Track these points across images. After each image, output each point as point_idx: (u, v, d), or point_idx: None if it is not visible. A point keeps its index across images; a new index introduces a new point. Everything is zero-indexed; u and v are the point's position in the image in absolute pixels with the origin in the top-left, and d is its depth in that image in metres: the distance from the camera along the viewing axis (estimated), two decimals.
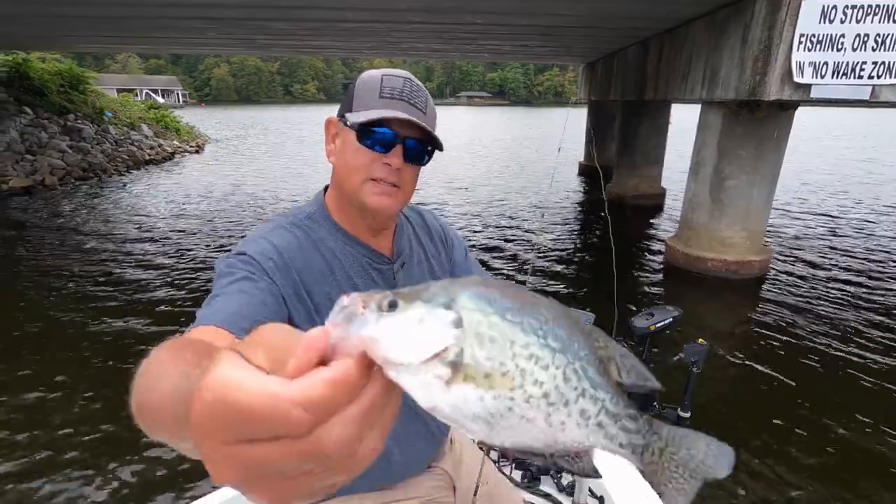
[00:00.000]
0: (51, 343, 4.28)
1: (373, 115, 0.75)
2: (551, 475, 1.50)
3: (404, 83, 0.78)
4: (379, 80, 0.78)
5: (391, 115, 0.75)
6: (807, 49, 4.45)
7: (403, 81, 0.78)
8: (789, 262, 6.78)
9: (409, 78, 0.80)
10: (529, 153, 20.28)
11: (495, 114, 65.91)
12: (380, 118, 0.75)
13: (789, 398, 3.65)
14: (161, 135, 18.11)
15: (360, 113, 0.77)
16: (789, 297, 5.53)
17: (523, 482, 1.48)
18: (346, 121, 0.78)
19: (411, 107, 0.78)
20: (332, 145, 0.84)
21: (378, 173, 0.78)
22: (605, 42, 9.62)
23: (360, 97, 0.78)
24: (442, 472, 1.01)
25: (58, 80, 14.90)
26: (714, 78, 5.68)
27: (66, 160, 12.25)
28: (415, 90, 0.79)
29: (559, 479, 1.46)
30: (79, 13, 7.52)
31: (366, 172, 0.78)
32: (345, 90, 0.87)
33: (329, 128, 0.84)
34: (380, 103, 0.76)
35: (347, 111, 0.79)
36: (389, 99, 0.77)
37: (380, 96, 0.77)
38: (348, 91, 0.82)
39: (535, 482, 1.48)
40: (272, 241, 0.78)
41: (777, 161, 5.84)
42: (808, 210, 10.07)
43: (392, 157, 0.78)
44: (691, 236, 6.38)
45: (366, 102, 0.77)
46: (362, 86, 0.79)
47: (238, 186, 12.04)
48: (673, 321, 1.46)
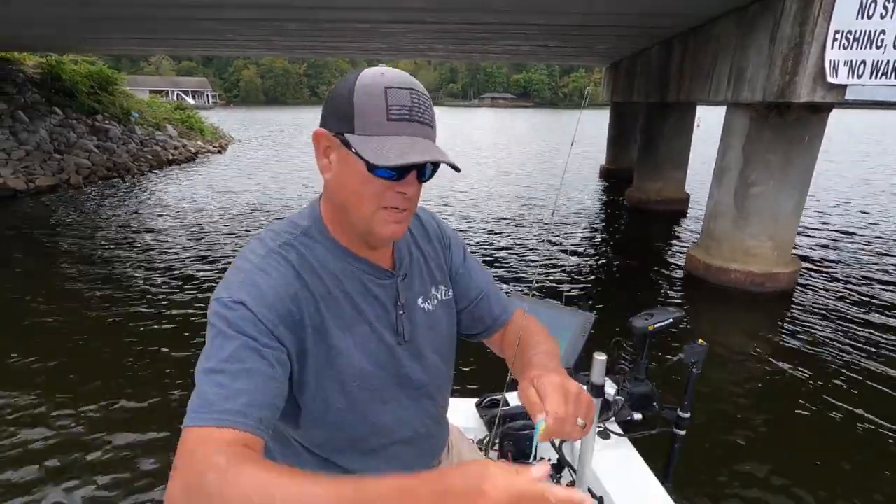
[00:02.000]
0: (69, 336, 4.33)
1: (389, 150, 0.68)
2: (550, 475, 1.38)
3: (411, 97, 0.70)
4: (383, 97, 0.69)
5: (415, 158, 0.68)
6: (842, 47, 4.11)
7: (410, 95, 0.70)
8: (820, 274, 6.36)
9: (414, 88, 0.72)
10: (549, 160, 19.92)
11: (520, 117, 65.30)
12: (403, 164, 0.68)
13: (813, 432, 3.34)
14: (185, 135, 18.47)
15: (369, 140, 0.69)
16: (819, 314, 5.15)
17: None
18: (350, 145, 0.70)
19: (422, 126, 0.72)
20: (326, 160, 0.76)
21: (392, 202, 0.74)
22: (627, 42, 9.30)
23: (363, 116, 0.69)
24: None
25: (88, 81, 15.36)
26: (740, 78, 5.36)
27: (92, 159, 12.56)
28: (422, 103, 0.72)
29: (559, 479, 1.43)
30: (97, 14, 7.65)
31: (378, 202, 0.73)
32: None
33: (320, 140, 0.75)
34: (389, 127, 0.69)
35: (347, 130, 0.70)
36: (399, 122, 0.69)
37: (388, 118, 0.69)
38: (340, 100, 0.72)
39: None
40: (268, 280, 0.72)
41: (808, 167, 5.47)
42: (843, 219, 9.52)
43: (407, 186, 0.74)
44: (713, 246, 6.04)
45: (372, 125, 0.69)
46: (364, 101, 0.69)
47: (261, 186, 12.14)
48: (673, 321, 1.43)
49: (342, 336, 0.78)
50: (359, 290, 0.81)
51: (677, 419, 1.43)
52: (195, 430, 0.60)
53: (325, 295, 0.77)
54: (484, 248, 7.25)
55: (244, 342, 0.66)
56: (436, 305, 0.92)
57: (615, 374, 1.53)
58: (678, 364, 1.40)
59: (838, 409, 3.55)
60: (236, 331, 0.67)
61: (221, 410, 0.61)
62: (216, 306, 0.70)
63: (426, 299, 0.90)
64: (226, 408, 0.61)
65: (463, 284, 0.98)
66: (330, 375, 0.77)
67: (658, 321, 1.42)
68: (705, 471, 2.91)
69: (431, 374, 0.91)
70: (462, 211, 9.77)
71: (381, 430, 0.85)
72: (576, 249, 7.36)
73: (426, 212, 1.00)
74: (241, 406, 0.62)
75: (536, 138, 29.53)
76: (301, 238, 0.79)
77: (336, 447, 0.83)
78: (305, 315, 0.74)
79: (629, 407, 1.45)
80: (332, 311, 0.78)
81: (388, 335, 0.83)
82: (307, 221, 0.81)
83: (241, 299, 0.69)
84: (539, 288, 5.84)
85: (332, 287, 0.78)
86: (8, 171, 10.58)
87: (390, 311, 0.84)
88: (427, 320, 0.90)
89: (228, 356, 0.65)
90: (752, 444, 3.19)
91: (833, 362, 4.20)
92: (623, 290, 5.99)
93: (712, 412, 3.47)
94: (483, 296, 1.00)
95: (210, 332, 0.68)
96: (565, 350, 1.40)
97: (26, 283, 5.63)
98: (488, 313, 1.01)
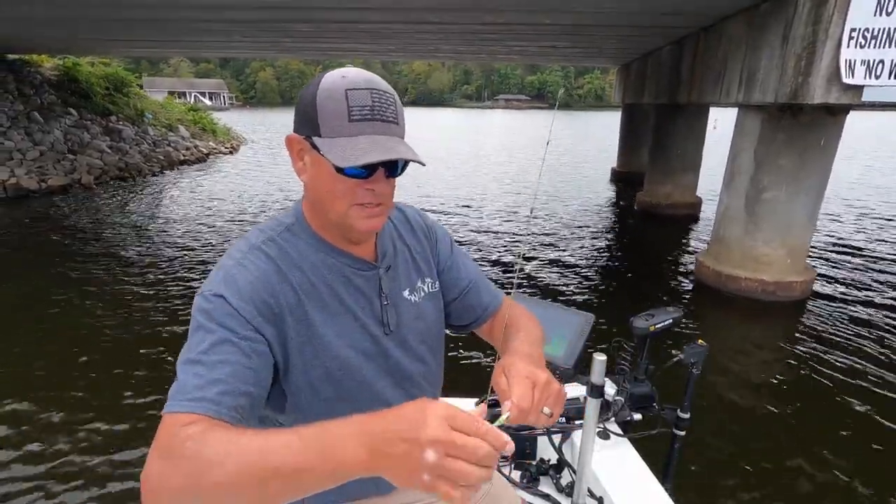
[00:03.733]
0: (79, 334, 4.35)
1: (350, 152, 0.71)
2: (550, 475, 1.46)
3: (371, 97, 0.73)
4: (344, 99, 0.72)
5: (375, 157, 0.70)
6: (859, 45, 3.90)
7: (370, 95, 0.73)
8: (838, 284, 6.09)
9: (375, 87, 0.74)
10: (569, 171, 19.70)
11: (534, 119, 64.93)
12: (364, 164, 0.70)
13: (815, 437, 3.16)
14: (198, 136, 18.66)
15: (334, 143, 0.72)
16: (833, 326, 4.92)
17: (522, 482, 1.45)
18: (317, 147, 0.73)
19: (385, 124, 0.74)
20: (301, 163, 0.79)
21: (363, 198, 0.77)
22: (638, 42, 9.10)
23: (325, 119, 0.72)
24: None
25: (103, 82, 15.60)
26: (752, 79, 5.15)
27: (104, 160, 12.72)
28: (383, 101, 0.74)
29: (558, 479, 1.43)
30: (98, 16, 7.72)
31: (349, 199, 0.76)
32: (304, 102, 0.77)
33: (293, 145, 0.79)
34: (350, 128, 0.72)
35: (314, 133, 0.74)
36: (360, 122, 0.72)
37: (349, 119, 0.72)
38: (305, 105, 0.75)
39: (534, 482, 1.45)
40: (246, 274, 0.75)
41: (824, 172, 5.24)
42: (865, 225, 9.17)
43: (375, 183, 0.76)
44: (723, 252, 5.83)
45: (334, 127, 0.72)
46: (325, 105, 0.72)
47: (271, 185, 12.18)
48: (673, 322, 1.45)
49: (325, 325, 0.80)
50: (341, 281, 0.83)
51: (677, 420, 1.44)
52: (172, 416, 0.63)
53: (306, 286, 0.80)
54: (481, 247, 7.13)
55: (222, 334, 0.70)
56: (422, 297, 0.94)
57: (615, 375, 1.54)
58: (678, 364, 1.40)
59: (843, 418, 3.43)
60: (216, 323, 0.70)
61: (198, 398, 0.64)
62: (198, 300, 0.74)
63: (412, 291, 0.93)
64: (202, 395, 0.65)
65: (452, 276, 1.01)
66: (316, 364, 0.79)
67: (658, 321, 1.43)
68: (705, 471, 2.87)
69: (419, 364, 0.93)
70: (462, 211, 9.66)
71: None
72: (581, 253, 7.18)
73: (412, 208, 1.03)
74: (216, 395, 0.65)
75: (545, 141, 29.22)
76: (284, 234, 0.82)
77: None
78: (285, 306, 0.77)
79: (629, 407, 1.47)
80: (313, 301, 0.80)
81: (372, 325, 0.85)
82: (291, 219, 0.84)
83: (220, 293, 0.73)
84: (539, 289, 5.73)
85: (314, 279, 0.81)
86: (22, 171, 10.76)
87: (374, 301, 0.86)
88: (413, 311, 0.92)
89: (207, 347, 0.69)
90: (753, 444, 3.13)
91: (842, 373, 4.00)
92: (629, 296, 5.81)
93: (713, 416, 3.39)
94: (472, 286, 1.03)
95: (192, 325, 0.72)
96: (565, 350, 1.40)
97: (31, 285, 5.66)
98: (478, 303, 1.03)
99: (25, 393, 3.49)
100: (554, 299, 5.54)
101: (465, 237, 7.88)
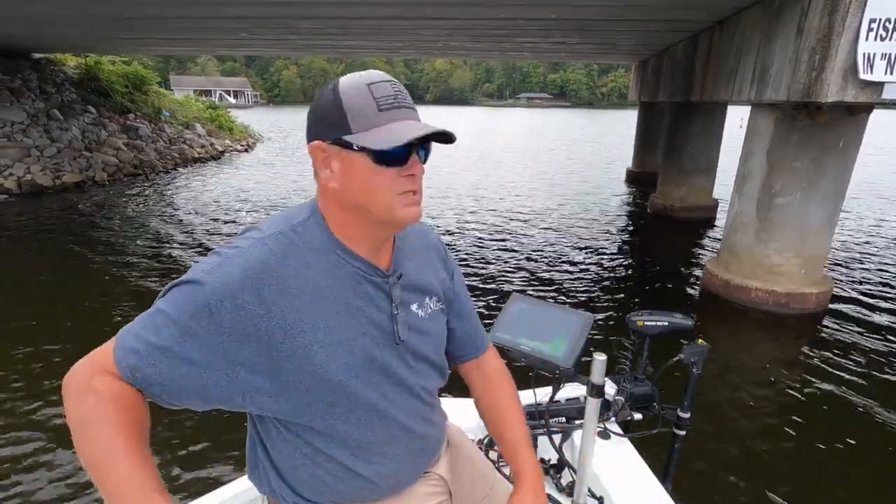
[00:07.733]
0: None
1: (389, 136, 0.73)
2: (550, 475, 1.45)
3: (392, 88, 0.76)
4: (368, 92, 0.74)
5: (420, 131, 0.73)
6: (879, 38, 3.54)
7: (391, 87, 0.76)
8: (858, 296, 5.67)
9: (392, 80, 0.77)
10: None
11: (556, 117, 64.11)
12: (409, 140, 0.72)
13: (816, 440, 2.87)
14: (214, 134, 18.88)
15: (371, 133, 0.73)
16: (849, 341, 4.55)
17: None
18: (349, 145, 0.74)
19: (409, 110, 0.77)
20: (328, 171, 0.78)
21: (405, 187, 0.77)
22: (653, 38, 8.73)
23: (355, 115, 0.74)
24: (437, 478, 1.02)
25: (123, 81, 15.89)
26: (764, 76, 4.80)
27: (119, 157, 12.94)
28: (403, 91, 0.77)
29: (559, 479, 1.44)
30: (100, 14, 7.77)
31: (392, 189, 0.76)
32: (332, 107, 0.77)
33: (317, 154, 0.77)
34: (382, 117, 0.74)
35: (345, 133, 0.74)
36: (389, 110, 0.74)
37: (379, 109, 0.74)
38: (327, 109, 0.76)
39: None
40: (242, 266, 0.74)
41: (842, 175, 4.85)
42: (891, 233, 8.61)
43: (414, 167, 0.78)
44: (733, 261, 5.49)
45: (366, 120, 0.74)
46: (352, 101, 0.74)
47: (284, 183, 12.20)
48: (670, 325, 1.46)
49: (323, 329, 0.78)
50: (350, 284, 0.82)
51: (677, 419, 1.44)
52: (112, 352, 0.73)
53: (309, 286, 0.78)
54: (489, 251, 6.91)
55: (185, 353, 0.72)
56: (429, 314, 0.94)
57: (615, 374, 1.54)
58: (678, 364, 1.39)
59: (850, 429, 3.26)
60: (188, 315, 0.71)
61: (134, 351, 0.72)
62: (184, 278, 0.74)
63: (420, 306, 0.92)
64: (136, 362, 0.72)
65: (455, 308, 1.02)
66: (310, 372, 0.77)
67: (652, 321, 1.43)
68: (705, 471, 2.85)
69: (421, 374, 0.92)
70: (463, 213, 9.45)
71: (372, 427, 0.86)
72: (589, 257, 6.90)
73: (425, 226, 1.04)
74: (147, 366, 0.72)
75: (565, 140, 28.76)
76: (298, 227, 0.80)
77: (328, 442, 0.84)
78: (273, 305, 0.75)
79: (629, 407, 1.48)
80: (313, 302, 0.78)
81: (378, 332, 0.84)
82: (306, 213, 0.82)
83: (201, 279, 0.72)
84: (543, 288, 5.55)
85: (320, 279, 0.79)
86: (37, 168, 11.00)
87: (383, 309, 0.85)
88: (420, 325, 0.91)
89: (175, 341, 0.71)
90: (752, 446, 3.09)
91: (850, 386, 3.75)
92: (634, 302, 5.51)
93: (714, 420, 3.32)
94: (470, 319, 1.06)
95: (173, 294, 0.73)
96: (565, 350, 1.39)
97: (29, 283, 5.71)
98: (471, 338, 1.06)
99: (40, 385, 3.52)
100: (556, 299, 5.33)
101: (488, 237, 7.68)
